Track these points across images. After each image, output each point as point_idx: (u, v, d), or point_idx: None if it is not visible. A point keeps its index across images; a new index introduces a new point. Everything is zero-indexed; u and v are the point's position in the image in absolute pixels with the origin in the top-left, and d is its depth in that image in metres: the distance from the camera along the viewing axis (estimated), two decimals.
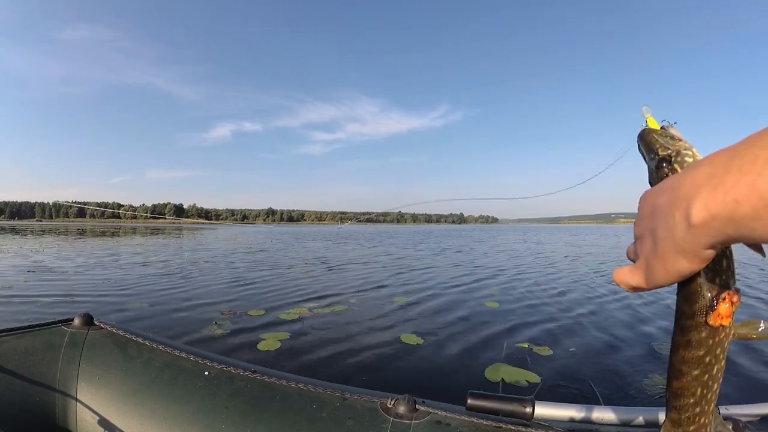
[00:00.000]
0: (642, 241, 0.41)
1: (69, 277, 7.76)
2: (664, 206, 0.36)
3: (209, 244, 20.59)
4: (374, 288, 7.00)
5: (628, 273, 0.43)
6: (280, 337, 3.90)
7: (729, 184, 0.30)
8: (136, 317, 4.71)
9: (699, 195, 0.32)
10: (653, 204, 0.39)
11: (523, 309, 5.33)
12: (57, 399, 1.20)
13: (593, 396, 2.78)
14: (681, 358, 0.44)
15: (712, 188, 0.31)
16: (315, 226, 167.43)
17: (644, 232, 0.40)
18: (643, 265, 0.40)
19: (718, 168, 0.31)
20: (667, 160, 0.44)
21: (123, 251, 14.44)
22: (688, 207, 0.33)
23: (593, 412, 1.00)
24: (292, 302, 5.65)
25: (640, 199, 0.42)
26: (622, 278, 0.43)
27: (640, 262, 0.41)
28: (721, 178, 0.31)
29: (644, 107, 0.51)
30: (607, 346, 3.79)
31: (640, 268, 0.41)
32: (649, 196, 0.41)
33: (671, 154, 0.44)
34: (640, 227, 0.41)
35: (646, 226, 0.40)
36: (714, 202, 0.31)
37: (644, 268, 0.40)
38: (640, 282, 0.41)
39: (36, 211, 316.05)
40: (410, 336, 4.02)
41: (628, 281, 0.43)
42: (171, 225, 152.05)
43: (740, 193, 0.29)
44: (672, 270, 0.37)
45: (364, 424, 1.04)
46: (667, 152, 0.44)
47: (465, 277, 8.25)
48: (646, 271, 0.40)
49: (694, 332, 0.42)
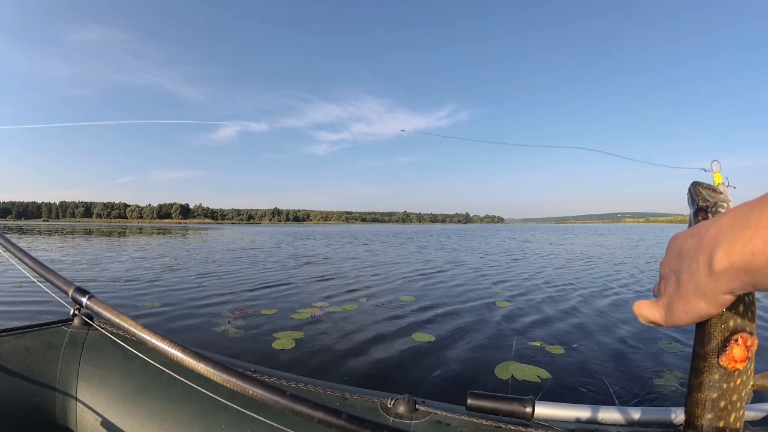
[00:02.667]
0: (667, 281, 0.43)
1: (78, 277, 7.80)
2: (690, 250, 0.39)
3: (216, 244, 20.66)
4: (384, 287, 7.01)
5: (648, 308, 0.45)
6: (294, 336, 3.91)
7: (747, 237, 0.32)
8: (149, 317, 4.73)
9: (721, 244, 0.34)
10: (681, 247, 0.41)
11: (534, 308, 5.32)
12: (57, 399, 1.20)
13: (606, 394, 2.78)
14: (694, 400, 0.45)
15: (732, 239, 0.34)
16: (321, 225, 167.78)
17: (669, 272, 0.42)
18: (664, 304, 0.43)
19: (739, 220, 0.34)
20: (704, 210, 0.48)
21: (131, 251, 14.50)
22: (711, 254, 0.35)
23: (593, 412, 0.99)
24: (302, 301, 5.67)
25: (670, 240, 0.45)
26: (642, 312, 0.46)
27: (662, 300, 0.43)
28: (740, 231, 0.33)
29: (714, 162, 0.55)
30: (619, 345, 3.79)
31: (660, 306, 0.43)
32: (678, 238, 0.43)
33: (709, 205, 0.48)
34: (667, 267, 0.43)
35: (672, 267, 0.42)
36: (734, 253, 0.33)
37: (665, 306, 0.43)
38: (658, 319, 0.44)
39: (43, 211, 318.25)
40: (421, 335, 4.04)
41: (647, 315, 0.45)
42: (177, 225, 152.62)
43: (756, 247, 0.32)
44: (691, 312, 0.39)
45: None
46: (706, 203, 0.48)
47: (475, 277, 8.25)
48: (667, 310, 0.42)
49: (706, 374, 0.43)
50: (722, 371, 0.42)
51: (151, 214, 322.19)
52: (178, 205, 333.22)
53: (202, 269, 9.33)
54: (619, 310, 5.23)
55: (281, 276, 8.24)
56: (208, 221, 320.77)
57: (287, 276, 8.26)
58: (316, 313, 4.89)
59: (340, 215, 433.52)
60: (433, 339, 3.92)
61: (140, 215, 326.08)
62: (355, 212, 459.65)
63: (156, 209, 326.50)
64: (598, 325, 4.47)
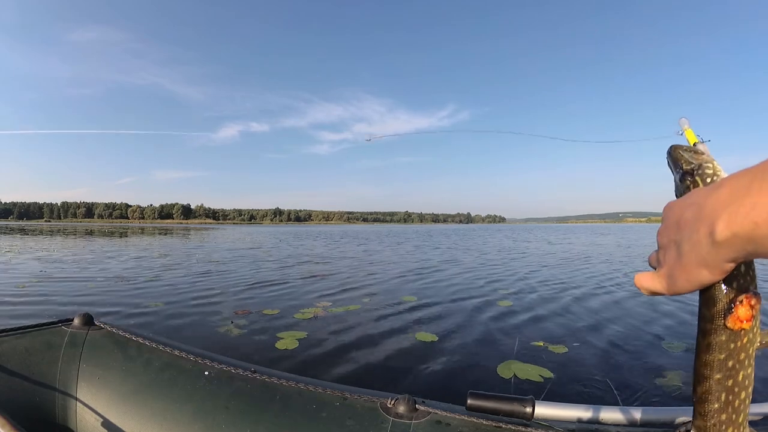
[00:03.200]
0: (666, 250, 0.43)
1: (81, 277, 7.82)
2: (690, 221, 0.39)
3: (217, 244, 20.69)
4: (386, 287, 7.00)
5: (649, 278, 0.45)
6: (297, 336, 3.91)
7: (749, 206, 0.33)
8: (152, 316, 4.74)
9: (722, 214, 0.34)
10: (679, 216, 0.41)
11: (536, 308, 5.31)
12: (57, 399, 1.21)
13: (609, 393, 2.78)
14: (702, 361, 0.45)
15: (734, 209, 0.34)
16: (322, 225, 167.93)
17: (669, 242, 0.42)
18: (665, 273, 0.43)
19: (739, 189, 0.34)
20: (690, 173, 0.48)
21: (133, 251, 14.53)
22: (712, 225, 0.35)
23: (594, 411, 0.99)
24: (305, 301, 5.67)
25: (665, 209, 0.44)
26: (643, 283, 0.46)
27: (663, 270, 0.43)
28: (742, 200, 0.33)
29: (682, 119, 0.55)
30: (621, 344, 3.78)
31: (662, 276, 0.43)
32: (675, 207, 0.42)
33: (694, 167, 0.48)
34: (665, 237, 0.43)
35: (671, 237, 0.42)
36: (735, 223, 0.33)
37: (666, 276, 0.43)
38: (660, 288, 0.44)
39: (44, 211, 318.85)
40: (424, 334, 4.04)
41: (648, 286, 0.45)
42: (178, 225, 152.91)
43: (758, 216, 0.32)
44: (694, 280, 0.40)
45: (364, 424, 1.03)
46: (690, 166, 0.48)
47: (477, 277, 8.23)
48: (668, 279, 0.42)
49: (713, 335, 0.43)
50: (729, 332, 0.42)
51: (153, 214, 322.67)
52: (179, 206, 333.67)
53: (204, 269, 9.33)
54: (619, 309, 5.22)
55: (283, 276, 8.25)
56: (209, 221, 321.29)
57: (289, 276, 8.26)
58: (318, 313, 4.89)
59: (341, 215, 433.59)
60: (435, 339, 3.91)
61: (142, 215, 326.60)
62: (356, 212, 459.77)
63: (157, 209, 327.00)
64: (600, 325, 4.46)
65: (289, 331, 4.08)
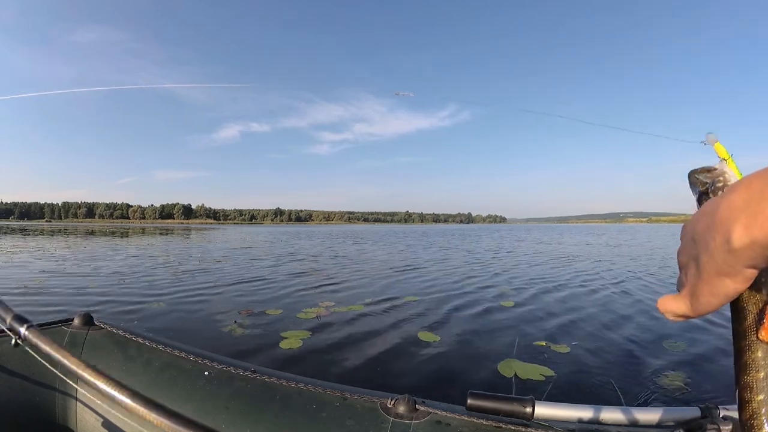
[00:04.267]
0: (686, 269, 0.41)
1: (82, 277, 7.83)
2: (704, 231, 0.37)
3: (219, 244, 20.70)
4: (389, 287, 7.01)
5: (672, 301, 0.42)
6: (301, 336, 3.92)
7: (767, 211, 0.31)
8: (155, 316, 4.75)
9: (738, 220, 0.33)
10: (693, 231, 0.39)
11: (539, 308, 5.32)
12: (57, 399, 1.21)
13: (611, 392, 2.78)
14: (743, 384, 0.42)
15: (751, 214, 0.32)
16: (323, 225, 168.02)
17: (688, 260, 0.40)
18: (688, 293, 0.40)
19: (755, 194, 0.32)
20: (705, 193, 0.47)
21: (134, 251, 14.54)
22: (728, 231, 0.33)
23: (594, 412, 0.99)
24: (307, 301, 5.68)
25: (682, 230, 0.43)
26: (667, 307, 0.42)
27: (685, 290, 0.40)
28: (759, 205, 0.31)
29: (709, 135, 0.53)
30: (623, 344, 3.79)
31: (685, 296, 0.40)
32: (689, 224, 0.41)
33: (708, 186, 0.47)
34: (684, 256, 0.41)
35: (688, 253, 0.40)
36: (754, 227, 0.31)
37: (690, 295, 0.40)
38: (685, 309, 0.41)
39: (45, 211, 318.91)
40: (426, 334, 4.06)
41: (674, 309, 0.42)
42: (179, 225, 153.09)
43: None
44: (718, 293, 0.37)
45: (364, 424, 1.03)
46: (705, 187, 0.47)
47: (480, 278, 8.23)
48: (692, 298, 0.39)
49: (749, 353, 0.40)
50: (765, 346, 0.39)
51: (154, 214, 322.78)
52: (180, 206, 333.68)
53: (206, 269, 9.35)
54: (621, 309, 5.22)
55: (284, 275, 8.26)
56: (210, 221, 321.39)
57: (290, 275, 8.27)
58: (322, 313, 4.90)
59: (342, 215, 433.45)
60: (438, 339, 3.93)
61: (143, 216, 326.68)
62: (357, 212, 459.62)
63: (158, 209, 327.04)
64: (602, 324, 4.46)
65: (293, 331, 4.09)
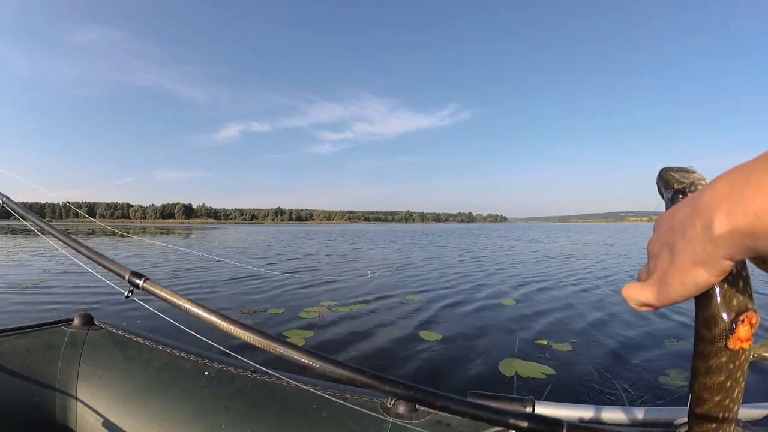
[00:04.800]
0: (657, 257, 0.40)
1: (84, 277, 7.82)
2: (684, 219, 0.36)
3: (219, 243, 20.72)
4: (390, 286, 7.01)
5: (638, 289, 0.42)
6: (303, 335, 3.94)
7: (749, 199, 0.31)
8: (157, 316, 4.70)
9: (721, 206, 0.33)
10: (672, 220, 0.39)
11: (539, 307, 5.34)
12: (57, 399, 1.20)
13: (612, 391, 2.78)
14: (702, 385, 0.44)
15: (733, 202, 0.32)
16: (323, 225, 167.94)
17: (661, 248, 0.40)
18: (656, 281, 0.40)
19: (737, 183, 0.32)
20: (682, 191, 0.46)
21: (135, 251, 14.54)
22: (710, 218, 0.33)
23: (594, 411, 0.99)
24: (309, 300, 5.69)
25: (657, 222, 0.43)
26: (631, 294, 0.42)
27: (654, 278, 0.40)
28: (741, 193, 0.31)
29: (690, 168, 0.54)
30: (625, 343, 3.80)
31: (652, 284, 0.40)
32: (666, 215, 0.41)
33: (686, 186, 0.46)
34: (656, 245, 0.41)
35: (663, 242, 0.40)
36: (735, 215, 0.32)
37: (657, 284, 0.40)
38: (650, 298, 0.40)
39: (46, 211, 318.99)
40: (428, 333, 4.07)
41: (638, 297, 0.42)
42: (180, 225, 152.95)
43: (759, 208, 0.30)
44: (689, 282, 0.37)
45: (364, 424, 1.03)
46: (681, 185, 0.46)
47: (480, 277, 8.24)
48: (660, 286, 0.39)
49: (714, 358, 0.42)
50: (729, 353, 0.41)
51: (154, 214, 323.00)
52: (181, 205, 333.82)
53: (207, 268, 9.35)
54: (622, 308, 5.21)
55: (286, 275, 8.25)
56: (211, 221, 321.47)
57: (292, 275, 8.29)
58: (323, 313, 4.90)
59: (342, 215, 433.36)
60: (439, 337, 3.94)
61: (143, 215, 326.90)
62: (357, 212, 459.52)
63: (159, 209, 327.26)
64: (603, 323, 4.48)
65: (296, 330, 4.11)
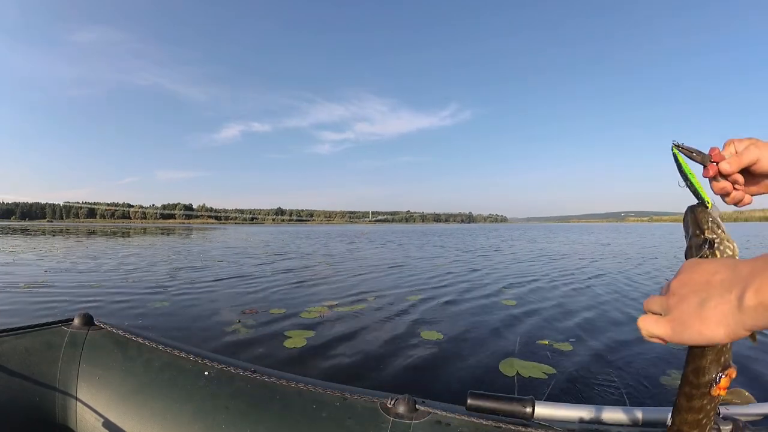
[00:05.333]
0: (683, 300, 0.44)
1: (85, 277, 7.84)
2: (723, 281, 0.41)
3: (220, 243, 20.72)
4: (391, 287, 7.01)
5: (654, 323, 0.47)
6: (305, 335, 3.94)
7: None
8: (158, 316, 4.75)
9: (754, 282, 0.38)
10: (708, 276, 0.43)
11: (541, 306, 5.33)
12: (57, 399, 1.21)
13: (613, 391, 2.78)
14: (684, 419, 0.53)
15: (764, 280, 0.37)
16: (324, 225, 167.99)
17: (689, 294, 0.44)
18: (674, 320, 0.44)
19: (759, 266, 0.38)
20: (711, 243, 0.52)
21: (136, 251, 14.55)
22: (744, 290, 0.38)
23: (594, 411, 0.99)
24: (311, 300, 5.70)
25: (689, 264, 0.47)
26: (647, 326, 0.47)
27: (672, 317, 0.45)
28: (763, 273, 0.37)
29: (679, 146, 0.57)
30: (628, 342, 3.79)
31: (669, 322, 0.45)
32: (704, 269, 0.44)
33: (716, 240, 0.52)
34: (685, 289, 0.45)
35: (694, 290, 0.43)
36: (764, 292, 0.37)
37: (675, 324, 0.44)
38: (663, 334, 0.46)
39: (47, 212, 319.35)
40: (429, 333, 4.08)
41: (653, 331, 0.47)
42: (180, 225, 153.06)
43: None
44: (707, 335, 0.42)
45: (364, 424, 1.03)
46: (713, 236, 0.52)
47: (480, 277, 8.22)
48: (677, 327, 0.44)
49: (697, 400, 0.51)
50: (710, 397, 0.50)
51: (155, 214, 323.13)
52: (181, 206, 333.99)
53: (208, 268, 9.36)
54: (624, 307, 5.21)
55: (287, 275, 8.26)
56: (211, 221, 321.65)
57: (293, 275, 8.28)
58: (325, 313, 4.90)
59: (343, 215, 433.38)
60: (441, 337, 3.94)
61: (144, 216, 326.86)
62: (358, 212, 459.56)
63: (160, 210, 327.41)
64: (606, 322, 4.47)
65: (297, 330, 4.11)
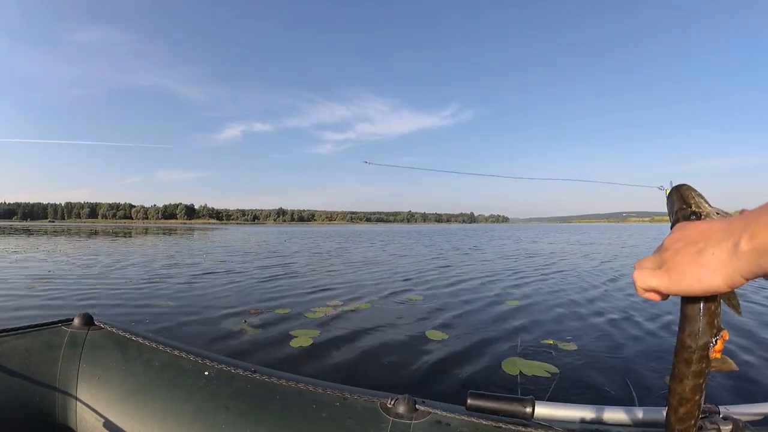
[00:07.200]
0: (680, 251, 0.45)
1: (87, 277, 7.84)
2: (719, 231, 0.42)
3: (222, 244, 20.74)
4: (395, 287, 7.02)
5: (650, 274, 0.46)
6: (310, 335, 3.96)
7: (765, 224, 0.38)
8: (163, 316, 4.76)
9: (749, 228, 0.39)
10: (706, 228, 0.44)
11: (545, 307, 5.33)
12: (57, 399, 1.21)
13: (616, 390, 2.79)
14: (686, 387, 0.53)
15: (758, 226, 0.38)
16: (325, 226, 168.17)
17: (686, 245, 0.44)
18: (671, 270, 0.45)
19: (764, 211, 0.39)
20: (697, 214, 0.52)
21: (137, 251, 14.57)
22: (740, 236, 0.39)
23: (594, 411, 0.99)
24: (315, 300, 5.71)
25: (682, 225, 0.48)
26: (643, 277, 0.47)
27: (668, 267, 0.45)
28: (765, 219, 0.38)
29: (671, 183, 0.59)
30: (632, 341, 3.81)
31: (665, 272, 0.45)
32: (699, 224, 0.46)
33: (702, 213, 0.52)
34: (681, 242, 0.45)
35: (691, 242, 0.44)
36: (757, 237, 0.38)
37: (672, 273, 0.44)
38: (661, 284, 0.45)
39: (48, 212, 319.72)
40: (433, 332, 4.09)
41: (649, 282, 0.46)
42: (182, 225, 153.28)
43: None
44: (706, 281, 0.42)
45: (364, 424, 1.03)
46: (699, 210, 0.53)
47: (485, 277, 8.22)
48: (675, 275, 0.44)
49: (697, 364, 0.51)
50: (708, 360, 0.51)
51: (157, 214, 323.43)
52: (183, 206, 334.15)
53: (211, 269, 9.37)
54: (625, 307, 5.20)
55: (291, 275, 8.28)
56: (213, 221, 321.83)
57: (297, 275, 8.30)
58: (330, 312, 4.92)
59: (344, 215, 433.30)
60: (445, 337, 3.96)
61: (145, 216, 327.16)
62: (359, 212, 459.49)
63: (161, 210, 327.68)
64: (610, 321, 4.48)
65: (303, 330, 4.13)
